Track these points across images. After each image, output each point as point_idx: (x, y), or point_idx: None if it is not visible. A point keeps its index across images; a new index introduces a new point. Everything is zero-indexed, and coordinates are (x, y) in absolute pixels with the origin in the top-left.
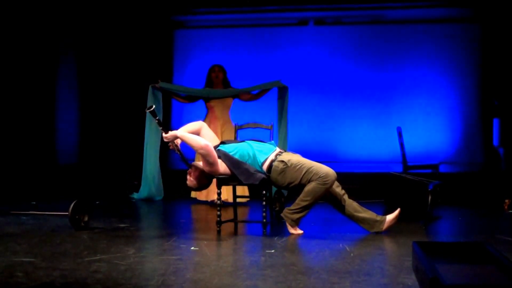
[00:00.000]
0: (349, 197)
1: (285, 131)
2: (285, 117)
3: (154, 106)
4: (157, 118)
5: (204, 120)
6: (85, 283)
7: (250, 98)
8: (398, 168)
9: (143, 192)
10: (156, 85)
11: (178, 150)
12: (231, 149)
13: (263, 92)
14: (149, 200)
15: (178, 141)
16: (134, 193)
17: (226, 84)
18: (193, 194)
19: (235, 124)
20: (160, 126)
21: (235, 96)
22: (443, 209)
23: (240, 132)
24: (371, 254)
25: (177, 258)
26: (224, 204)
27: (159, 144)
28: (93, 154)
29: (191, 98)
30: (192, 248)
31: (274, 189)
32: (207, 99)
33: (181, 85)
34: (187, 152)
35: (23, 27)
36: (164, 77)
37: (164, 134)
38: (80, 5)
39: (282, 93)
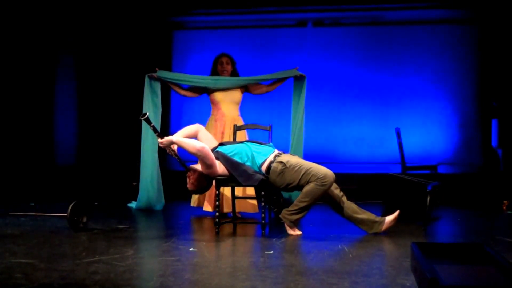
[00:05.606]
0: (348, 198)
1: (301, 126)
2: (301, 110)
3: (148, 113)
4: (152, 124)
5: (209, 119)
6: (83, 284)
7: (262, 90)
8: (396, 169)
9: (141, 199)
10: (154, 74)
11: (175, 154)
12: (230, 150)
13: (277, 82)
14: (148, 210)
15: (175, 146)
16: (133, 201)
17: (235, 76)
18: (194, 203)
19: (234, 125)
20: (155, 132)
21: (245, 89)
22: (442, 210)
23: (238, 133)
24: (370, 255)
25: (176, 259)
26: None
27: (156, 148)
28: (91, 155)
29: (195, 90)
30: (191, 249)
31: None
32: (211, 91)
33: (183, 73)
34: (186, 154)
35: (22, 30)
36: None
37: (159, 140)
38: (79, 7)
39: (299, 83)
